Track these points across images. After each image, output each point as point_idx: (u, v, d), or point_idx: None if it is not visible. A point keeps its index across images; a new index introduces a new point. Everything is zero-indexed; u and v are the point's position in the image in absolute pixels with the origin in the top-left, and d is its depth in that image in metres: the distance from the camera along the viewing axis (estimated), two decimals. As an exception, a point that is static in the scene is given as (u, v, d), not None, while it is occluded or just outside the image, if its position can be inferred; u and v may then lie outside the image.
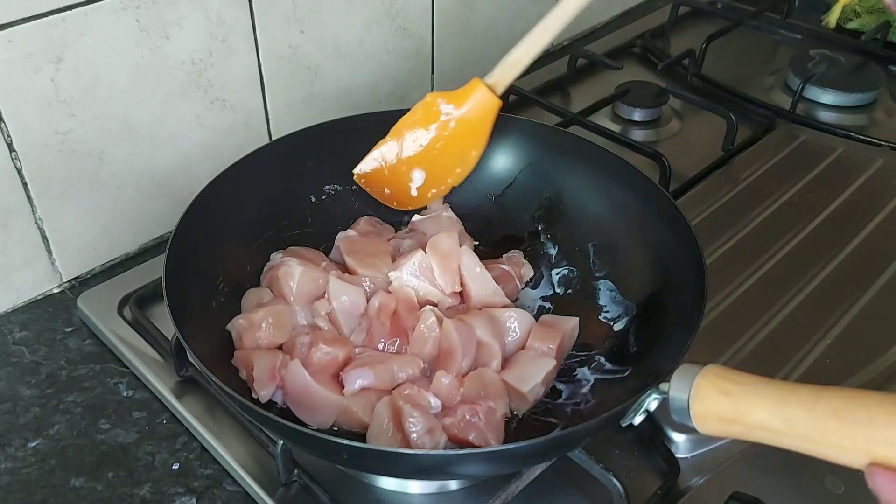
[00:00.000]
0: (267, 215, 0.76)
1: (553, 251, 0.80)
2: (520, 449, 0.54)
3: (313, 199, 0.80)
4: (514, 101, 1.09)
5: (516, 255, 0.79)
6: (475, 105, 0.72)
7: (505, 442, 0.63)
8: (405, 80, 1.06)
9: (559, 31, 0.69)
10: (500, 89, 0.72)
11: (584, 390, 0.68)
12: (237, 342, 0.67)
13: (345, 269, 0.74)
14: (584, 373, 0.69)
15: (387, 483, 0.65)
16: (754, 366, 0.72)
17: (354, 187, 0.81)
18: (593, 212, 0.78)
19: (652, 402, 0.54)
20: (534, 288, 0.78)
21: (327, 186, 0.80)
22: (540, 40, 0.70)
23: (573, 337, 0.71)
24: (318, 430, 0.63)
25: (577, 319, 0.72)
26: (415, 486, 0.65)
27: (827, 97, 1.12)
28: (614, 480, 0.62)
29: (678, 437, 0.68)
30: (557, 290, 0.78)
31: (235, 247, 0.73)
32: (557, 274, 0.79)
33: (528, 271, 0.78)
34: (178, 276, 0.63)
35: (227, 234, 0.73)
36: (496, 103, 0.73)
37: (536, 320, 0.72)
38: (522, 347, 0.69)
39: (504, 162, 0.82)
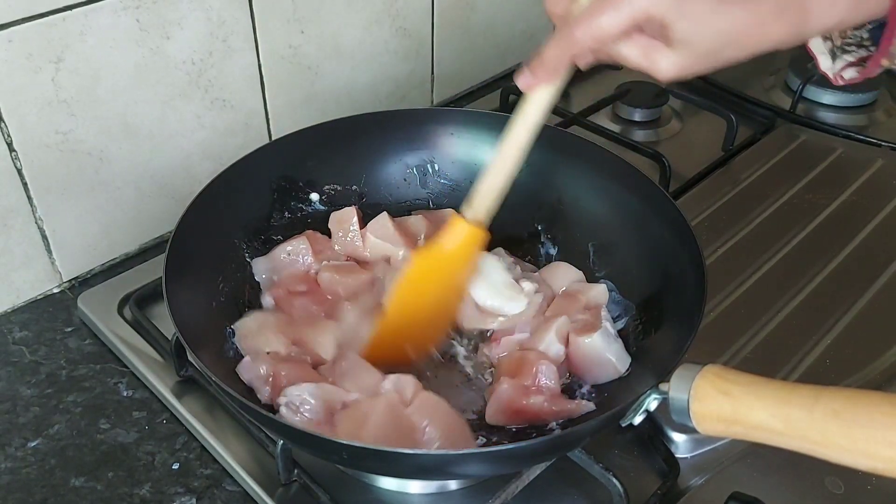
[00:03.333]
0: (267, 215, 0.76)
1: (553, 251, 0.80)
2: (520, 449, 0.54)
3: (313, 199, 0.80)
4: (515, 102, 1.09)
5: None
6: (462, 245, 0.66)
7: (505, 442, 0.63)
8: (405, 80, 1.06)
9: (524, 145, 0.62)
10: (484, 218, 0.65)
11: (584, 390, 0.68)
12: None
13: None
14: (584, 373, 0.69)
15: (387, 483, 0.65)
16: (754, 366, 0.72)
17: (354, 187, 0.81)
18: (593, 212, 0.78)
19: (652, 403, 0.54)
20: (534, 288, 0.78)
21: (327, 186, 0.80)
22: (509, 158, 0.63)
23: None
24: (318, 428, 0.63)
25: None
26: (415, 486, 0.65)
27: (827, 97, 1.12)
28: (614, 480, 0.62)
29: (678, 437, 0.68)
30: (557, 291, 0.78)
31: (235, 247, 0.74)
32: (558, 274, 0.79)
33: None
34: (178, 276, 0.63)
35: (227, 233, 0.73)
36: (481, 236, 0.66)
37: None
38: None
39: (504, 162, 0.82)
